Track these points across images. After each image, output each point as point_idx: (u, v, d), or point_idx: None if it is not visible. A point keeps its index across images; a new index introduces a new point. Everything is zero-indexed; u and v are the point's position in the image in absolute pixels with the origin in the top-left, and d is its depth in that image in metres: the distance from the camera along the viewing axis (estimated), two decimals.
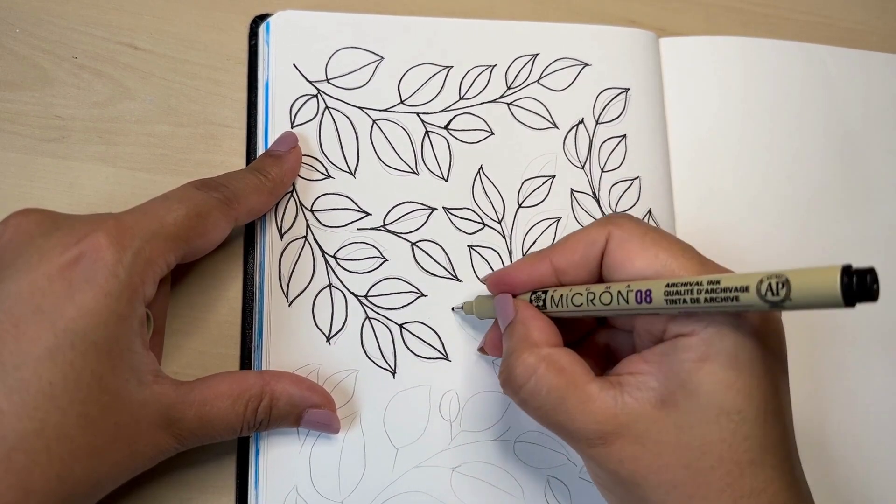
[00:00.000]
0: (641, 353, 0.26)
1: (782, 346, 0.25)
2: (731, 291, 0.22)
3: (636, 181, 0.36)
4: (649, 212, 0.36)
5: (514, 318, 0.28)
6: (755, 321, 0.24)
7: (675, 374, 0.24)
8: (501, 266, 0.34)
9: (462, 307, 0.33)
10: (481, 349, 0.33)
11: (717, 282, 0.22)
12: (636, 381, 0.25)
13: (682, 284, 0.23)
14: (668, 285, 0.23)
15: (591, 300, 0.26)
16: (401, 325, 0.33)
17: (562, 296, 0.27)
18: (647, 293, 0.24)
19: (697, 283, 0.23)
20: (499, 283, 0.29)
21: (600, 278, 0.27)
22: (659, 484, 0.24)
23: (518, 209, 0.35)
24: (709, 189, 0.37)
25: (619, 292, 0.25)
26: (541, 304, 0.28)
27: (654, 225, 0.35)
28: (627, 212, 0.35)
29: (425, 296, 0.33)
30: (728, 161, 0.37)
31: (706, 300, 0.22)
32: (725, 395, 0.23)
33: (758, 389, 0.24)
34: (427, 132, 0.35)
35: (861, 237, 0.37)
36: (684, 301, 0.23)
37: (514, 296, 0.29)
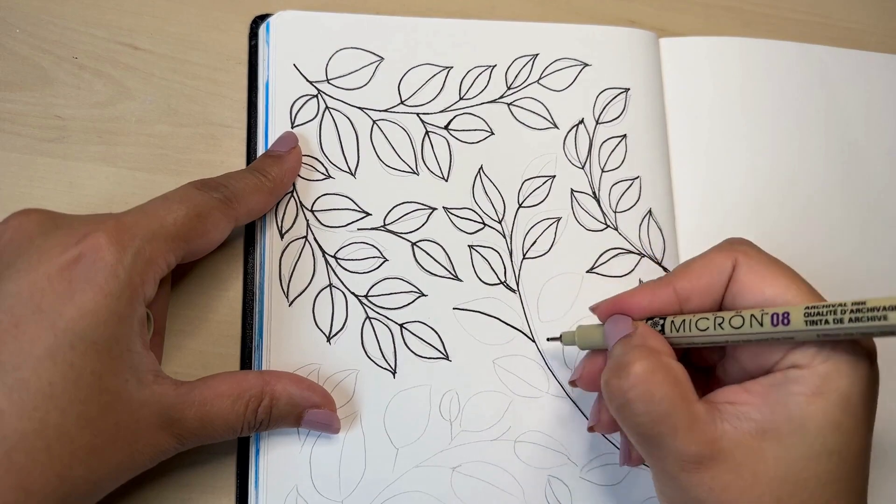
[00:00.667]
0: (743, 384, 0.25)
1: (877, 389, 0.25)
2: (878, 311, 0.22)
3: (636, 181, 0.36)
4: (649, 212, 0.36)
5: (634, 332, 0.27)
6: (868, 363, 0.24)
7: (781, 407, 0.24)
8: (502, 267, 0.34)
9: (560, 337, 0.31)
10: (573, 382, 0.30)
11: (863, 303, 0.22)
12: (736, 410, 0.25)
13: (823, 307, 0.23)
14: (808, 307, 0.23)
15: (720, 324, 0.25)
16: (401, 325, 0.33)
17: (684, 321, 0.26)
18: (785, 316, 0.24)
19: (842, 305, 0.23)
20: (615, 308, 0.28)
21: (721, 307, 0.27)
22: None
23: (518, 209, 0.35)
24: (709, 189, 0.37)
25: (752, 316, 0.25)
26: (658, 328, 0.27)
27: (655, 229, 0.35)
28: (627, 213, 0.35)
29: (426, 295, 0.33)
30: (728, 161, 0.37)
31: (850, 320, 0.22)
32: (832, 434, 0.24)
33: (859, 433, 0.24)
34: (427, 132, 0.35)
35: (861, 237, 0.38)
36: (826, 322, 0.23)
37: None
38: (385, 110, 0.35)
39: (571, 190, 0.36)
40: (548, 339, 0.33)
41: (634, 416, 0.25)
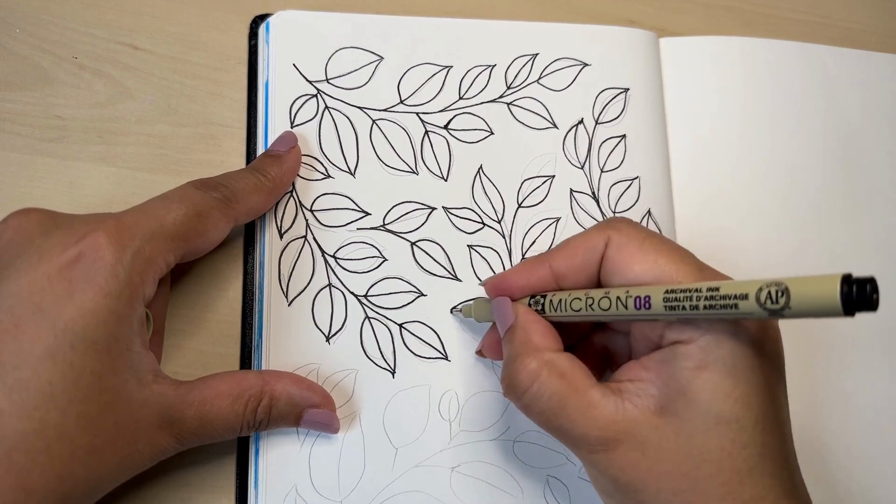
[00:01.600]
0: (640, 360, 0.26)
1: (780, 354, 0.25)
2: (730, 299, 0.22)
3: (636, 181, 0.36)
4: (648, 212, 0.36)
5: (514, 323, 0.28)
6: (753, 329, 0.24)
7: (674, 382, 0.24)
8: (501, 267, 0.34)
9: (461, 309, 0.33)
10: (479, 352, 0.33)
11: (717, 289, 0.22)
12: (636, 387, 0.25)
13: (681, 291, 0.23)
14: (666, 291, 0.23)
15: (590, 305, 0.26)
16: (400, 325, 0.33)
17: (560, 300, 0.27)
18: (647, 299, 0.24)
19: (697, 290, 0.23)
20: (497, 288, 0.29)
21: (599, 283, 0.27)
22: (658, 491, 0.24)
23: (518, 209, 0.35)
24: (708, 189, 0.37)
25: (617, 298, 0.25)
26: (539, 308, 0.28)
27: (655, 229, 0.35)
28: (627, 213, 0.35)
29: (425, 295, 0.33)
30: (728, 161, 0.37)
31: (705, 307, 0.22)
32: (724, 403, 0.23)
33: (756, 398, 0.24)
34: (427, 132, 0.35)
35: (861, 237, 0.37)
36: (683, 308, 0.23)
37: (513, 300, 0.29)
38: (384, 110, 0.35)
39: (571, 190, 0.36)
40: (451, 310, 0.33)
41: (536, 417, 0.26)
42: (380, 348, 0.33)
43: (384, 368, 0.32)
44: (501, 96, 0.36)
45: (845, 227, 0.37)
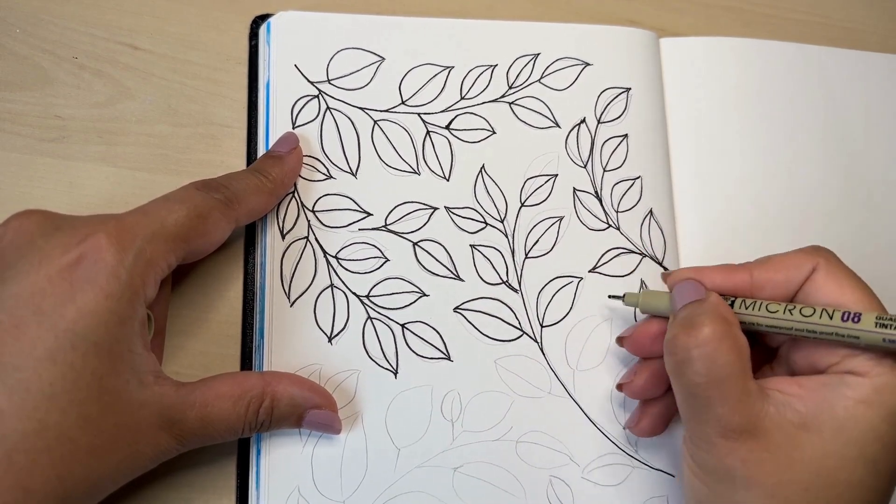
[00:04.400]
0: (795, 377, 0.26)
1: None
2: None
3: (637, 181, 0.36)
4: (650, 211, 0.36)
5: (707, 298, 0.28)
6: None
7: (828, 406, 0.25)
8: (504, 266, 0.34)
9: (623, 297, 0.32)
10: (620, 339, 0.32)
11: None
12: (783, 398, 0.26)
13: (894, 316, 0.24)
14: (879, 315, 0.24)
15: (790, 310, 0.26)
16: (403, 325, 0.33)
17: (755, 301, 0.28)
18: (857, 315, 0.25)
19: None
20: (690, 277, 0.29)
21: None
22: (773, 494, 0.25)
23: (520, 208, 0.35)
24: (709, 189, 0.37)
25: (823, 309, 0.26)
26: (729, 303, 0.28)
27: (657, 229, 0.35)
28: (629, 212, 0.35)
29: (427, 295, 0.33)
30: (728, 161, 0.37)
31: None
32: (872, 444, 0.24)
33: None
34: (428, 132, 0.35)
35: (861, 237, 0.38)
36: (893, 327, 0.24)
37: None
38: (386, 110, 0.35)
39: (574, 189, 0.35)
40: (609, 297, 0.33)
41: (693, 375, 0.26)
42: (382, 349, 0.32)
43: (386, 369, 0.32)
44: (503, 96, 0.36)
45: (845, 226, 0.38)
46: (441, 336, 0.33)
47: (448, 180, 0.35)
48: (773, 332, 0.28)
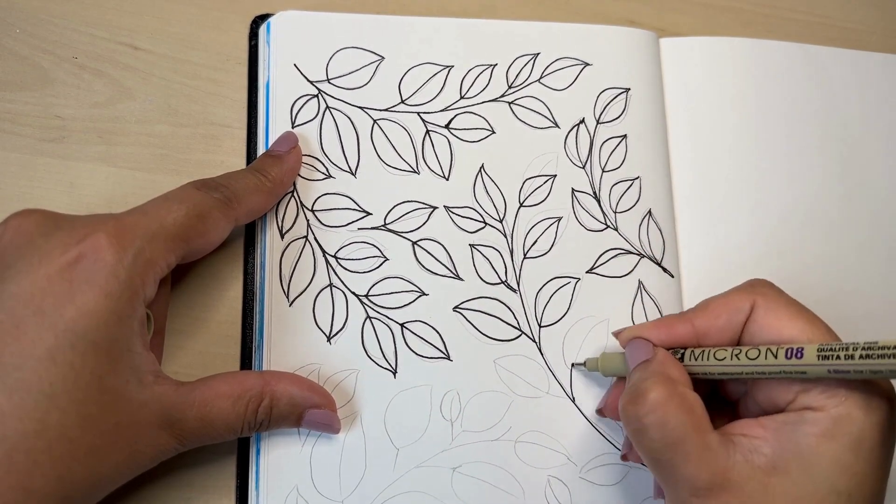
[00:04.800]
0: (758, 419, 0.26)
1: (895, 434, 0.26)
2: (889, 349, 0.22)
3: (636, 181, 0.36)
4: (649, 212, 0.36)
5: (653, 357, 0.28)
6: (884, 409, 0.25)
7: (793, 445, 0.25)
8: (503, 266, 0.34)
9: (584, 364, 0.32)
10: (600, 411, 0.32)
11: (875, 342, 0.23)
12: (749, 442, 0.25)
13: (836, 344, 0.24)
14: (821, 345, 0.24)
15: (737, 355, 0.26)
16: (402, 325, 0.33)
17: (703, 351, 0.27)
18: (799, 350, 0.24)
19: (854, 344, 0.23)
20: (634, 339, 0.29)
21: (738, 345, 0.28)
22: None
23: (519, 208, 0.35)
24: (708, 189, 0.37)
25: (767, 349, 0.25)
26: (678, 356, 0.28)
27: (655, 230, 0.35)
28: (627, 213, 0.35)
29: (426, 295, 0.33)
30: (727, 161, 0.37)
31: (861, 357, 0.23)
32: (841, 476, 0.24)
33: (872, 476, 0.24)
34: (428, 131, 0.35)
35: (860, 237, 0.37)
36: (837, 357, 0.23)
37: None
38: (385, 110, 0.35)
39: (572, 189, 0.35)
40: (572, 365, 0.33)
41: (649, 442, 0.26)
42: (381, 348, 0.32)
43: (385, 368, 0.32)
44: (503, 95, 0.36)
45: (844, 226, 0.38)
46: (440, 335, 0.33)
47: (447, 180, 0.35)
48: (727, 379, 0.28)
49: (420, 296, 0.33)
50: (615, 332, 0.31)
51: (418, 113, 0.36)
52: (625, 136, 0.36)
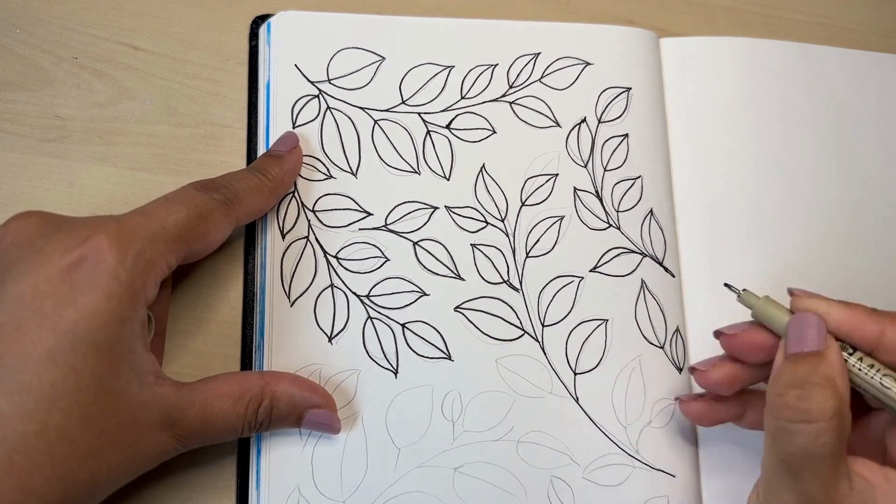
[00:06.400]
0: (885, 470, 0.25)
1: None
2: None
3: (638, 180, 0.36)
4: (651, 211, 0.36)
5: (826, 354, 0.26)
6: None
7: None
8: (505, 265, 0.34)
9: (742, 291, 0.29)
10: (719, 332, 0.29)
11: None
12: (867, 488, 0.25)
13: None
14: None
15: None
16: (403, 325, 0.33)
17: (878, 370, 0.26)
18: None
19: None
20: (811, 306, 0.27)
21: None
22: None
23: (521, 207, 0.35)
24: (709, 189, 0.37)
25: None
26: (847, 353, 0.26)
27: (657, 229, 0.35)
28: (629, 212, 0.35)
29: (427, 295, 0.33)
30: (728, 161, 0.37)
31: None
32: None
33: None
34: (429, 132, 0.35)
35: (860, 237, 0.38)
36: None
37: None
38: (386, 110, 0.35)
39: (574, 188, 0.35)
40: (724, 284, 0.29)
41: (790, 446, 0.25)
42: (382, 348, 0.32)
43: (387, 369, 0.32)
44: (504, 95, 0.36)
45: (844, 226, 0.38)
46: (442, 335, 0.33)
47: (448, 180, 0.35)
48: (878, 406, 0.26)
49: (421, 296, 0.33)
50: (792, 288, 0.28)
51: (419, 113, 0.36)
52: (626, 135, 0.36)
